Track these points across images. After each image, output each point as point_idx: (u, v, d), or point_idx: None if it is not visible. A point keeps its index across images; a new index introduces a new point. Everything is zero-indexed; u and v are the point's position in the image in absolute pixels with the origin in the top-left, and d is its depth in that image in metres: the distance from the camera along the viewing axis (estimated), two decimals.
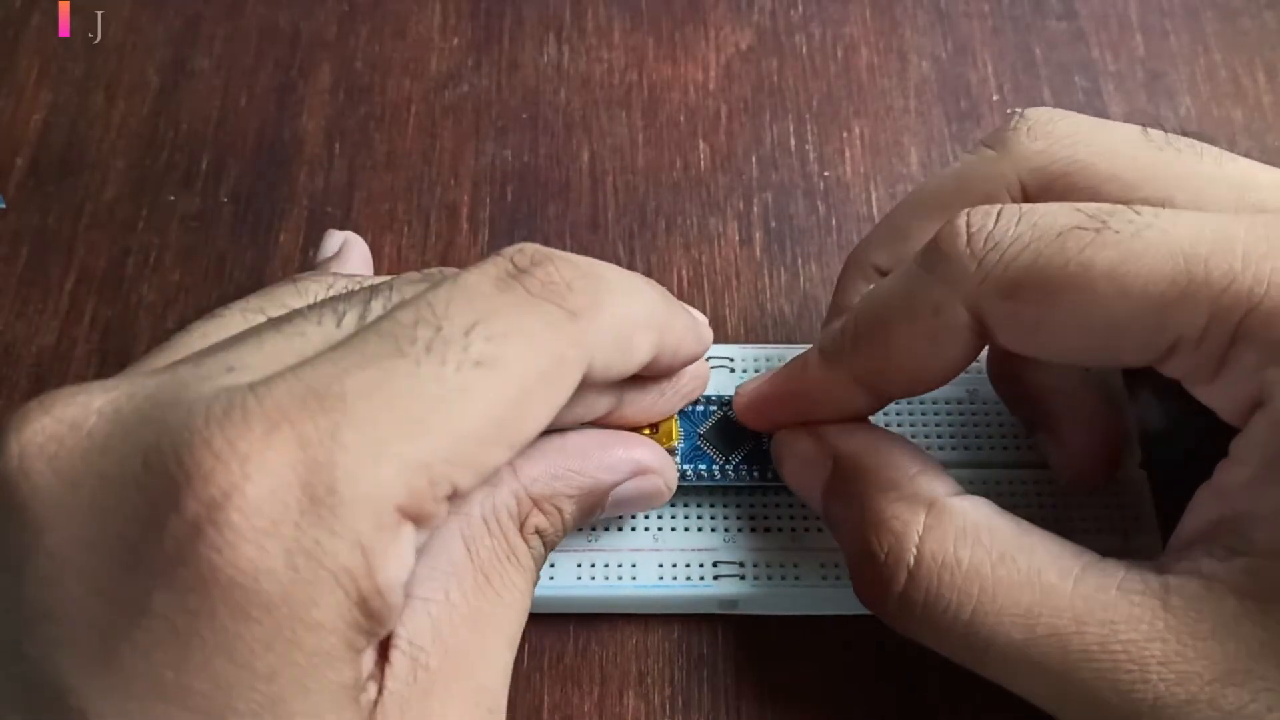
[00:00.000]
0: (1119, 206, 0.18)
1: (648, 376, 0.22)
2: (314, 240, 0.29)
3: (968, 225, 0.19)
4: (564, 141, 0.32)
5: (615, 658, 0.24)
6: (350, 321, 0.18)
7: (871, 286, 0.21)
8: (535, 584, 0.20)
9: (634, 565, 0.24)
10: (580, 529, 0.24)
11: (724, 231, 0.31)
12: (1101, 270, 0.17)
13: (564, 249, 0.24)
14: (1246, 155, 0.31)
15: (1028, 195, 0.21)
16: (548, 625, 0.25)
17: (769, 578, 0.24)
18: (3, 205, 0.31)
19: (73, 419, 0.15)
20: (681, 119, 0.33)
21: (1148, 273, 0.17)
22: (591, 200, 0.31)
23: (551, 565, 0.24)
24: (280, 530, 0.14)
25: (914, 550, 0.20)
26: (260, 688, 0.14)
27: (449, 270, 0.21)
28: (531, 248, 0.18)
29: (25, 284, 0.30)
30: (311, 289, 0.20)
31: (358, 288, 0.19)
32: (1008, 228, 0.18)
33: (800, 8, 0.35)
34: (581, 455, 0.21)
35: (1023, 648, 0.19)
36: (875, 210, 0.31)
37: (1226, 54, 0.34)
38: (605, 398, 0.21)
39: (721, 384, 0.26)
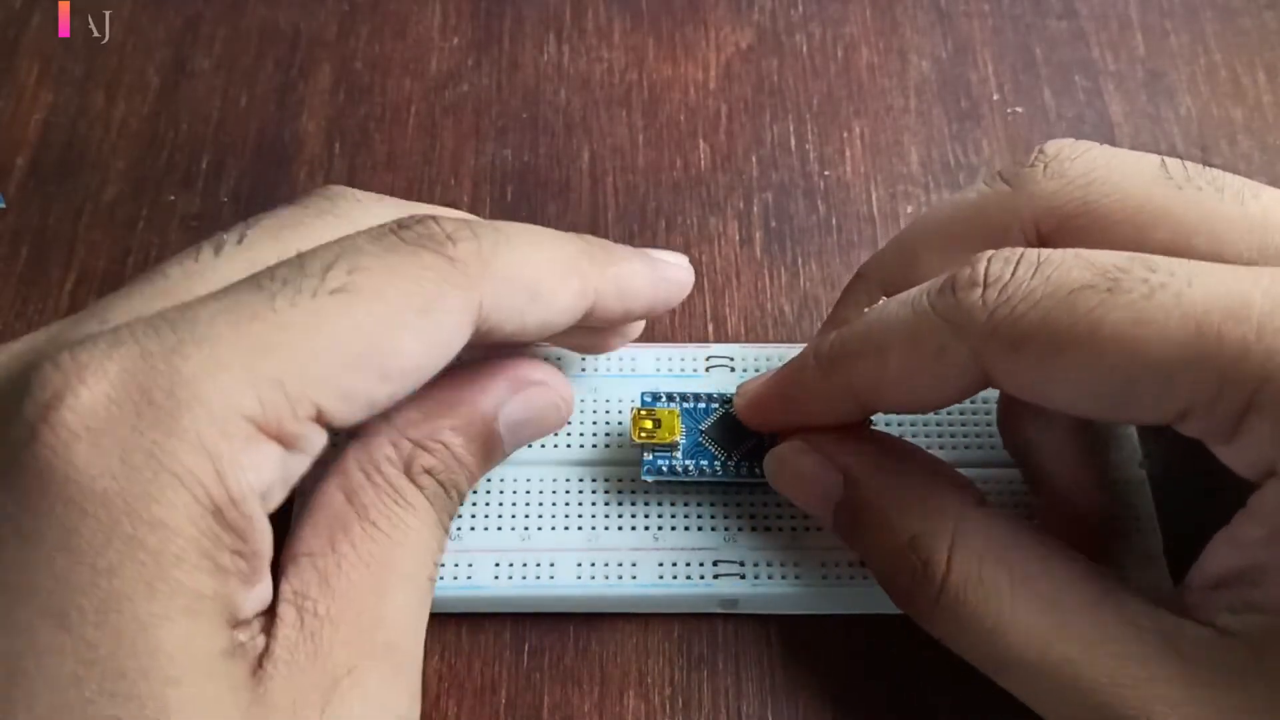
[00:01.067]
0: (1135, 261, 0.18)
1: (618, 322, 0.22)
2: None
3: (986, 275, 0.19)
4: (564, 141, 0.32)
5: (615, 657, 0.24)
6: (207, 255, 0.18)
7: (879, 303, 0.21)
8: (442, 525, 0.20)
9: (634, 564, 0.24)
10: (584, 507, 0.24)
11: (724, 231, 0.31)
12: (1110, 332, 0.17)
13: None
14: (1246, 156, 0.32)
15: (1041, 235, 0.21)
16: (548, 625, 0.25)
17: (769, 577, 0.24)
18: (3, 205, 0.31)
19: None
20: (681, 119, 0.33)
21: (1158, 338, 0.17)
22: (591, 200, 0.31)
23: (551, 565, 0.24)
24: (116, 430, 0.15)
25: (944, 568, 0.20)
26: (102, 584, 0.15)
27: (334, 189, 0.21)
28: (421, 213, 0.19)
29: (25, 284, 0.30)
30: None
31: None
32: (1023, 280, 0.18)
33: (800, 7, 0.35)
34: (454, 387, 0.21)
35: (1036, 668, 0.19)
36: (875, 210, 0.31)
37: (1226, 54, 0.34)
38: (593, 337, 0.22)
39: (723, 382, 0.26)
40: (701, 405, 0.24)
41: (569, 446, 0.25)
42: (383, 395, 0.17)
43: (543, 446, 0.25)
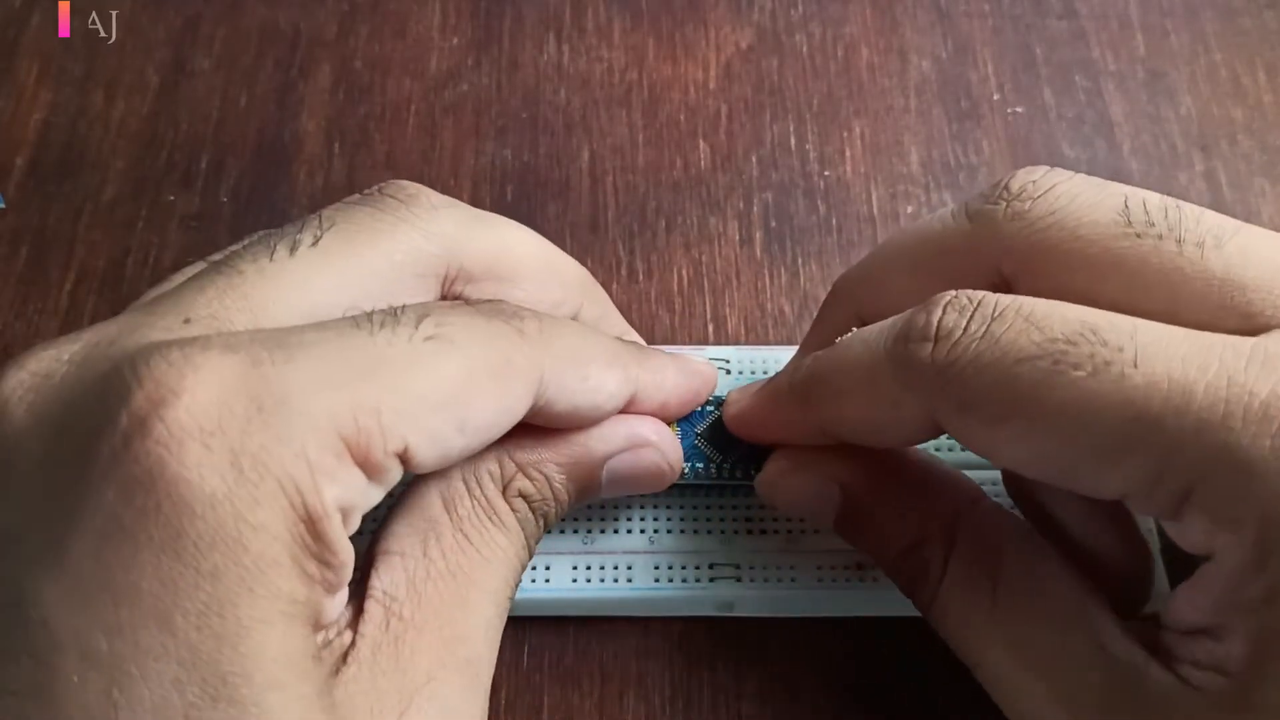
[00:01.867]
0: (1084, 334, 0.17)
1: (657, 413, 0.23)
2: None
3: (938, 328, 0.18)
4: (564, 141, 0.32)
5: (615, 658, 0.24)
6: (282, 253, 0.18)
7: (846, 337, 0.21)
8: (528, 549, 0.20)
9: (629, 567, 0.24)
10: (580, 510, 0.24)
11: (724, 231, 0.31)
12: (1052, 410, 0.17)
13: (564, 248, 0.24)
14: (1246, 156, 0.31)
15: (1004, 275, 0.21)
16: (547, 626, 0.25)
17: (765, 580, 0.24)
18: (2, 205, 0.31)
19: (46, 371, 0.16)
20: (681, 119, 0.33)
21: (1097, 422, 0.17)
22: (591, 200, 0.31)
23: (547, 568, 0.24)
24: (226, 432, 0.15)
25: (939, 573, 0.21)
26: (205, 587, 0.15)
27: (397, 183, 0.21)
28: (489, 296, 0.20)
29: (25, 284, 0.30)
30: None
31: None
32: (972, 340, 0.18)
33: (800, 7, 0.35)
34: None
35: (1005, 673, 0.19)
36: (875, 210, 0.31)
37: (1226, 54, 0.34)
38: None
39: (719, 385, 0.25)
40: (697, 409, 0.24)
41: None
42: (456, 449, 0.18)
43: None
